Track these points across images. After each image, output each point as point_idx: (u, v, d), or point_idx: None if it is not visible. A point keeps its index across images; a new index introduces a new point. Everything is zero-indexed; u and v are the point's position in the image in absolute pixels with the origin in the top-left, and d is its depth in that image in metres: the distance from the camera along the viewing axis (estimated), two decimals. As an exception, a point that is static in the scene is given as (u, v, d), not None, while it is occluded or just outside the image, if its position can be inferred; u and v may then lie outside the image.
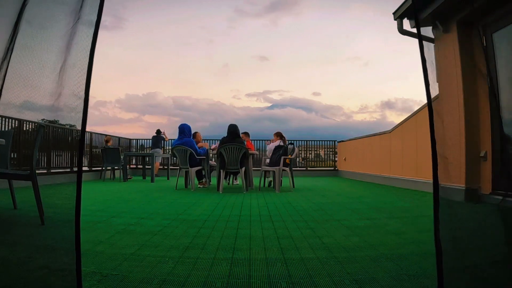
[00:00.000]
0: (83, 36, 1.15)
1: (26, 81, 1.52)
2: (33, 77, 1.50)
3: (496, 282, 1.36)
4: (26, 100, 1.55)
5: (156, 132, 9.17)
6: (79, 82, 1.06)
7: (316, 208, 3.40)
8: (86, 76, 1.02)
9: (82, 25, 1.20)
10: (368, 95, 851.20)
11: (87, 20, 1.16)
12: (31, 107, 1.59)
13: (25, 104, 1.59)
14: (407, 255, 1.72)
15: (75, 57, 1.19)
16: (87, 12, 1.18)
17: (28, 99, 1.54)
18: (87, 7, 1.20)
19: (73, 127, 6.95)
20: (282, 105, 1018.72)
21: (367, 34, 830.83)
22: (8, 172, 2.52)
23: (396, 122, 10.99)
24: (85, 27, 1.15)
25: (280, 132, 5.90)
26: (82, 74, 1.05)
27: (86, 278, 1.35)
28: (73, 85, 1.14)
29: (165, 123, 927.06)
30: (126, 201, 3.92)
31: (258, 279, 1.39)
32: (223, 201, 3.91)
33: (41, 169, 6.00)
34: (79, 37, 1.21)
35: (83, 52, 1.08)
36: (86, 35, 1.09)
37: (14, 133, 4.59)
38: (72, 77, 1.17)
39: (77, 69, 1.12)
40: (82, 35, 1.18)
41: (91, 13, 1.11)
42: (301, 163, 11.10)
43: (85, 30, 1.15)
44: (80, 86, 1.05)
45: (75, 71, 1.13)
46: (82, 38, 1.15)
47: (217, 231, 2.28)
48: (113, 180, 7.52)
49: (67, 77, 1.24)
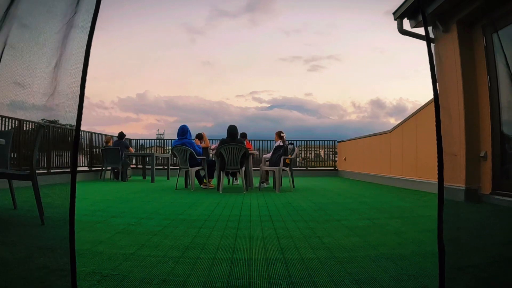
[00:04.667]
0: (79, 32, 1.14)
1: (17, 80, 1.51)
2: (24, 76, 1.49)
3: (496, 282, 1.36)
4: (21, 100, 1.54)
5: (119, 136, 8.04)
6: (75, 80, 1.05)
7: (316, 208, 3.40)
8: (82, 72, 1.02)
9: (78, 20, 1.19)
10: (362, 94, 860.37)
11: (82, 16, 1.15)
12: (22, 107, 1.57)
13: (14, 104, 1.58)
14: (407, 255, 1.72)
15: (70, 54, 1.19)
16: (83, 9, 1.18)
17: (19, 98, 1.52)
18: (83, 3, 1.19)
19: (73, 127, 6.95)
20: (273, 106, 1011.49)
21: (355, 31, 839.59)
22: (8, 172, 2.52)
23: (390, 121, 11.00)
24: (81, 23, 1.14)
25: (279, 131, 5.84)
26: (77, 72, 1.04)
27: (86, 278, 1.35)
28: (68, 84, 1.14)
29: (161, 124, 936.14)
30: (126, 201, 3.91)
31: (258, 279, 1.39)
32: (223, 201, 3.91)
33: (41, 169, 6.00)
34: (74, 33, 1.20)
35: (79, 49, 1.07)
36: (82, 31, 1.08)
37: (14, 133, 4.59)
38: (67, 75, 1.17)
39: (72, 66, 1.12)
40: (77, 31, 1.17)
41: (87, 10, 1.10)
42: (301, 163, 11.10)
43: (80, 27, 1.14)
44: (76, 84, 1.04)
45: (70, 67, 1.13)
46: (78, 34, 1.14)
47: (217, 231, 2.28)
48: (113, 180, 7.51)
49: (62, 76, 1.23)
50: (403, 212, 3.25)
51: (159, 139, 13.43)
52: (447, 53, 4.15)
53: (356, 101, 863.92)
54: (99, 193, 4.81)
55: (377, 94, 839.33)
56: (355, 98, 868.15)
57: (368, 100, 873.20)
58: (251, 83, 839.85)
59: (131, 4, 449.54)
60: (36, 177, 2.29)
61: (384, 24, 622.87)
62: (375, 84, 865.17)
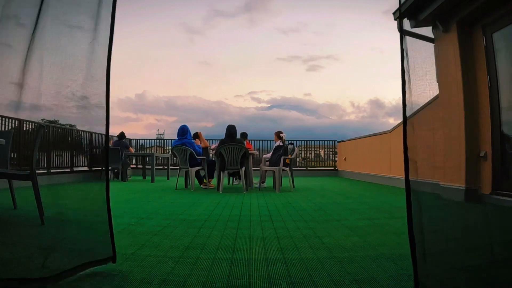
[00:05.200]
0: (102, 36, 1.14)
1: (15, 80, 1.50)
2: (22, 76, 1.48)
3: (496, 282, 1.36)
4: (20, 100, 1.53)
5: (119, 136, 7.93)
6: (75, 80, 1.06)
7: (316, 208, 3.40)
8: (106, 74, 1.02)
9: (78, 20, 1.19)
10: (361, 94, 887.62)
11: (84, 17, 1.16)
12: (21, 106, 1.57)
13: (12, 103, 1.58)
14: (407, 255, 1.71)
15: (70, 54, 1.19)
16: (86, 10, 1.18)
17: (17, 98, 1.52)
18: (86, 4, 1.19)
19: (73, 127, 6.95)
20: (272, 106, 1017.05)
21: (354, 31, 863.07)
22: (8, 172, 2.52)
23: (389, 121, 11.01)
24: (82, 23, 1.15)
25: (279, 131, 5.83)
26: (78, 72, 1.05)
27: (86, 278, 1.35)
28: (68, 84, 1.14)
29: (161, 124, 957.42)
30: (126, 201, 3.91)
31: (258, 279, 1.39)
32: (223, 201, 3.91)
33: (41, 169, 6.00)
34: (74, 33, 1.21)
35: (79, 50, 1.07)
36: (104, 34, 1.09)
37: (14, 133, 4.59)
38: (67, 75, 1.17)
39: (72, 66, 1.12)
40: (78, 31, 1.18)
41: (90, 11, 1.11)
42: (301, 163, 11.10)
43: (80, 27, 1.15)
44: (76, 84, 1.04)
45: (70, 67, 1.13)
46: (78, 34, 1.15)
47: (217, 231, 2.28)
48: (113, 180, 7.51)
49: (63, 76, 1.23)
50: (403, 212, 3.23)
51: (159, 139, 13.43)
52: (447, 53, 4.15)
53: (355, 101, 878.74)
54: (99, 193, 4.81)
55: (376, 94, 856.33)
56: (354, 98, 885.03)
57: (367, 100, 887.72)
58: (249, 83, 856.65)
59: (131, 5, 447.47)
60: (36, 177, 2.29)
61: (383, 24, 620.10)
62: (374, 84, 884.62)
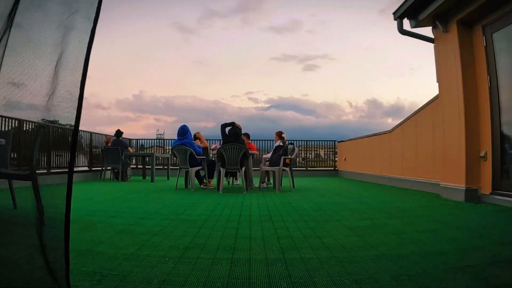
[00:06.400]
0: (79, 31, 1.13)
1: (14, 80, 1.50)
2: (21, 76, 1.48)
3: (496, 282, 1.36)
4: (18, 101, 1.53)
5: (116, 134, 7.90)
6: (75, 80, 1.05)
7: (316, 208, 3.40)
8: (82, 71, 1.01)
9: (76, 20, 1.18)
10: (358, 94, 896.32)
11: (83, 12, 1.14)
12: (20, 106, 1.57)
13: (10, 103, 1.58)
14: (407, 255, 1.72)
15: (70, 54, 1.18)
16: (82, 10, 1.17)
17: (15, 98, 1.52)
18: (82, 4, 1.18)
19: (72, 127, 6.94)
20: (270, 106, 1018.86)
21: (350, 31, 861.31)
22: (8, 172, 2.52)
23: (387, 121, 11.02)
24: (82, 20, 1.13)
25: (279, 131, 5.84)
26: (77, 72, 1.04)
27: (86, 278, 1.35)
28: (68, 84, 1.13)
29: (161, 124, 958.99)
30: (126, 201, 3.92)
31: (258, 279, 1.39)
32: (223, 201, 3.91)
33: (41, 169, 6.00)
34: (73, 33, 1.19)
35: (78, 50, 1.07)
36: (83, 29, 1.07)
37: (14, 133, 4.59)
38: (67, 75, 1.16)
39: (72, 66, 1.11)
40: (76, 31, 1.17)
41: (86, 10, 1.09)
42: (301, 163, 11.11)
43: (79, 28, 1.13)
44: (76, 84, 1.04)
45: (70, 67, 1.13)
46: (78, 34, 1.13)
47: (217, 231, 2.28)
48: (113, 180, 7.51)
49: (62, 76, 1.23)
50: (403, 212, 3.25)
51: (159, 139, 13.44)
52: (447, 53, 4.16)
53: (352, 101, 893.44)
54: (99, 193, 4.81)
55: (372, 94, 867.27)
56: (352, 98, 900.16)
57: (365, 100, 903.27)
58: (245, 83, 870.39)
59: (125, 5, 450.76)
60: (36, 177, 2.29)
61: (379, 23, 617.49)
62: (372, 84, 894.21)
